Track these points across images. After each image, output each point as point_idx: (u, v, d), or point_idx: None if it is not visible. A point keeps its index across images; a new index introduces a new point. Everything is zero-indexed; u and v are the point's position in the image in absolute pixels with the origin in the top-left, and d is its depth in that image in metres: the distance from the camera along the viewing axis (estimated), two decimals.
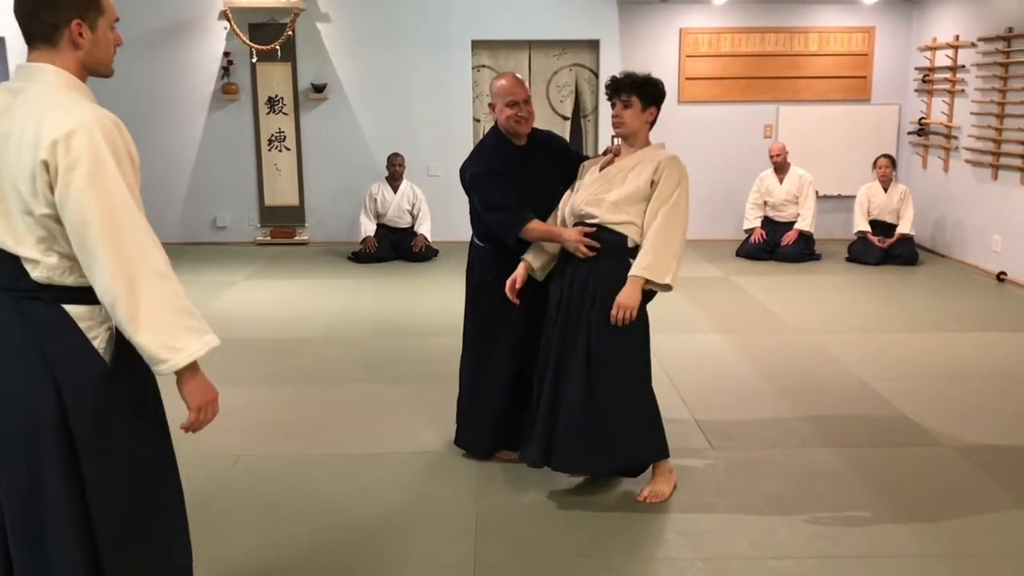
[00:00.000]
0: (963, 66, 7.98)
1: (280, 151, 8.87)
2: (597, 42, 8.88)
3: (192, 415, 2.06)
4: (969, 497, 3.42)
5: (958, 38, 8.00)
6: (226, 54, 8.67)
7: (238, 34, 8.38)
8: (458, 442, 3.79)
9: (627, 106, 3.27)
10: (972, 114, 7.78)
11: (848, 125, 8.98)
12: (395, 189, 8.26)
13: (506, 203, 3.41)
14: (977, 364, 5.12)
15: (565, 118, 9.08)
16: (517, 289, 3.41)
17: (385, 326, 5.94)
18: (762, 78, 8.93)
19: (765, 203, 8.31)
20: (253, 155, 8.88)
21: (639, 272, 3.15)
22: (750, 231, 8.30)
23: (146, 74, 8.61)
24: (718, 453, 3.82)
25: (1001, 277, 7.30)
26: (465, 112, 8.90)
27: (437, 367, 4.85)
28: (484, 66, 8.95)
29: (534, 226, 3.36)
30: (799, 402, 4.44)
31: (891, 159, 8.11)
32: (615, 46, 8.82)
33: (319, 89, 8.72)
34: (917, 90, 8.80)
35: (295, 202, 8.96)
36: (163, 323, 1.92)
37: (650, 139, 3.36)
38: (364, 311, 6.36)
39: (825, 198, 8.93)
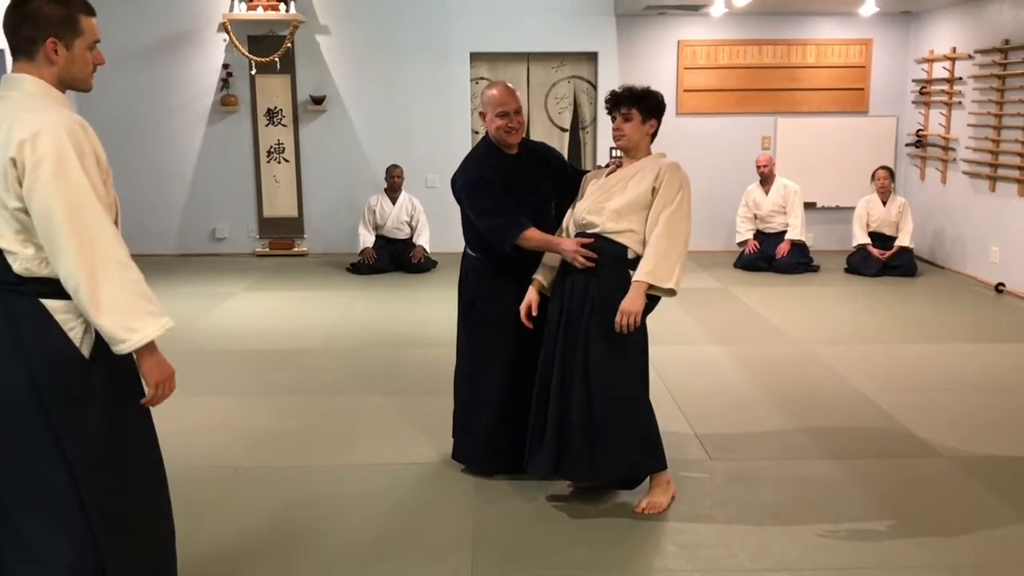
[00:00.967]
0: (960, 78, 8.00)
1: (279, 163, 8.88)
2: (595, 54, 8.91)
3: (151, 390, 2.19)
4: (968, 508, 3.41)
5: (955, 50, 8.03)
6: (225, 66, 8.69)
7: (237, 46, 8.41)
8: (456, 456, 3.75)
9: (627, 119, 3.27)
10: (969, 126, 7.81)
11: (846, 137, 9.00)
12: (394, 201, 8.27)
13: (501, 210, 3.36)
14: (976, 375, 5.11)
15: (563, 130, 9.10)
16: (534, 315, 3.37)
17: (383, 337, 5.94)
18: (760, 90, 8.96)
19: (755, 216, 8.34)
20: (252, 167, 8.90)
21: (642, 277, 3.14)
22: (743, 243, 8.34)
23: (146, 86, 8.64)
24: (716, 464, 3.81)
25: (1000, 288, 7.30)
26: (464, 124, 8.92)
27: (435, 378, 4.84)
28: (483, 78, 8.97)
29: (531, 234, 3.32)
30: (797, 413, 4.43)
31: (889, 171, 8.12)
32: (613, 58, 8.85)
33: (318, 101, 8.74)
34: (915, 102, 8.83)
35: (294, 214, 8.97)
36: (123, 307, 2.06)
37: (651, 151, 3.36)
38: (362, 322, 6.36)
39: (823, 210, 8.95)
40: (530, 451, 3.40)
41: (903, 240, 7.92)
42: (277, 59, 8.44)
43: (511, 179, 3.45)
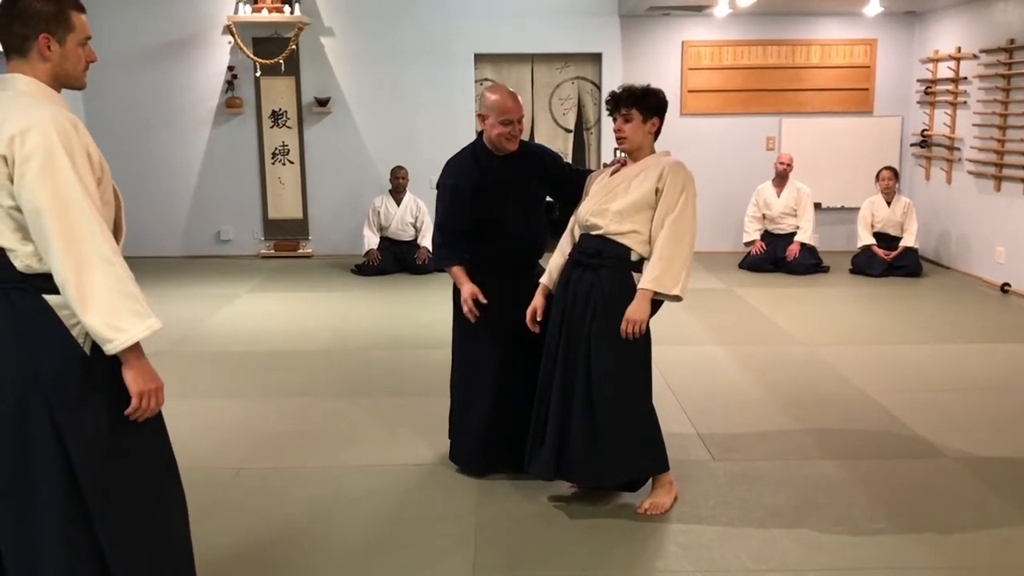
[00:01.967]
0: (965, 78, 7.98)
1: (284, 164, 8.90)
2: (599, 55, 8.91)
3: (134, 401, 2.13)
4: (972, 509, 3.40)
5: (960, 50, 8.01)
6: (230, 68, 8.72)
7: (242, 48, 8.43)
8: (452, 457, 3.76)
9: (628, 120, 3.25)
10: (975, 126, 7.79)
11: (851, 137, 8.99)
12: (398, 202, 8.28)
13: (451, 230, 3.51)
14: (981, 376, 5.10)
15: (568, 131, 9.11)
16: (538, 319, 3.39)
17: (387, 339, 5.95)
18: (764, 90, 8.95)
19: (764, 216, 8.31)
20: (257, 168, 8.92)
21: (648, 285, 3.13)
22: (750, 244, 8.31)
23: (151, 88, 8.67)
24: (719, 465, 3.81)
25: (1005, 288, 7.28)
26: (468, 125, 8.91)
27: (438, 379, 4.83)
28: (487, 79, 8.98)
29: (456, 270, 3.49)
30: (801, 414, 4.43)
31: (894, 172, 8.11)
32: (617, 59, 8.85)
33: (323, 103, 8.76)
34: (919, 102, 8.81)
35: (299, 215, 8.99)
36: (109, 305, 2.04)
37: (655, 149, 3.34)
38: (366, 324, 6.37)
39: (828, 210, 8.93)
40: (531, 453, 3.40)
41: (908, 240, 7.90)
42: (282, 61, 8.47)
43: (499, 180, 3.47)
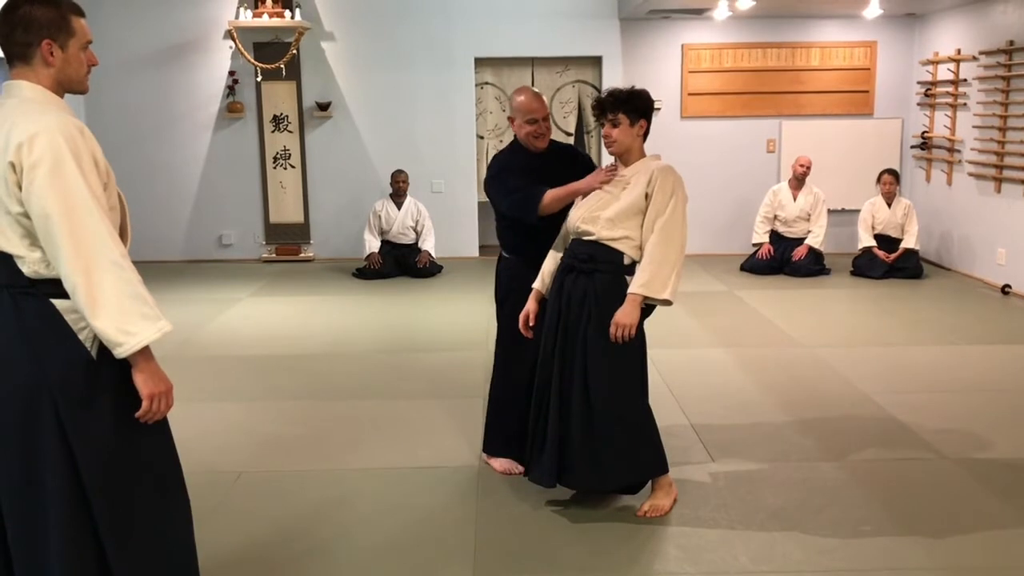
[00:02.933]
0: (965, 80, 7.99)
1: (285, 169, 8.92)
2: (600, 59, 8.92)
3: (145, 403, 2.14)
4: (972, 511, 3.40)
5: (960, 52, 8.02)
6: (231, 73, 8.74)
7: (243, 53, 8.45)
8: (486, 449, 3.83)
9: (615, 125, 3.24)
10: (975, 127, 7.79)
11: (851, 139, 9.00)
12: (399, 206, 8.30)
13: (518, 187, 3.49)
14: (981, 377, 5.10)
15: (568, 134, 9.12)
16: (532, 324, 3.45)
17: (388, 342, 5.96)
18: (765, 93, 8.96)
19: (775, 217, 8.27)
20: (258, 173, 8.94)
21: (637, 289, 3.14)
22: (758, 245, 8.24)
23: (152, 93, 8.69)
24: (719, 467, 3.81)
25: (1006, 290, 7.28)
26: (468, 129, 8.94)
27: (440, 383, 4.86)
28: (487, 83, 9.00)
29: (550, 195, 3.39)
30: (801, 416, 4.43)
31: (895, 174, 8.11)
32: (617, 62, 8.86)
33: (323, 107, 8.78)
34: (919, 104, 8.82)
35: (300, 219, 9.00)
36: (118, 309, 2.04)
37: (645, 151, 3.35)
38: (368, 327, 6.38)
39: (829, 212, 8.91)
40: (530, 460, 3.41)
41: (909, 242, 7.91)
42: (283, 66, 8.48)
43: (535, 171, 3.56)
